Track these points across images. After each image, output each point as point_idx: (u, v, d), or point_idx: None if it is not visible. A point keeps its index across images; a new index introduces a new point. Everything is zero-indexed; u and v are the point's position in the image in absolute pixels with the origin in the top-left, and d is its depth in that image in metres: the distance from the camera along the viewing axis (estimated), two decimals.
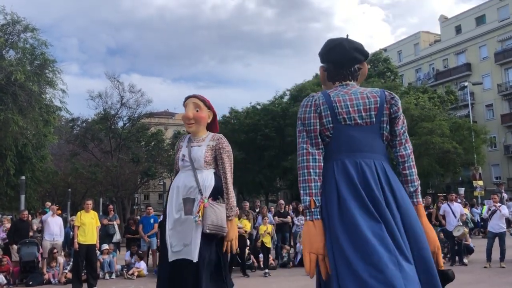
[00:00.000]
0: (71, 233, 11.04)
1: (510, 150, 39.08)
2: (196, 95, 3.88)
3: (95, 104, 27.47)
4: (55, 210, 11.32)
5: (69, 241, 12.14)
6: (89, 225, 9.27)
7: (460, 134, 28.77)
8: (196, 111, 3.78)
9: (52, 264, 10.51)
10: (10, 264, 10.45)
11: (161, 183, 35.39)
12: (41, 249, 10.72)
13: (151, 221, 12.07)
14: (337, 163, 2.17)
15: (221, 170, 3.71)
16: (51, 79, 18.05)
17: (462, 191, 22.31)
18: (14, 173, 17.85)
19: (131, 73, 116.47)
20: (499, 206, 10.55)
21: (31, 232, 11.51)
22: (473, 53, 42.54)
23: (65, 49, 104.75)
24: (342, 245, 2.01)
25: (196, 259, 3.45)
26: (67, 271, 10.40)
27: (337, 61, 2.36)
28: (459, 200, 13.85)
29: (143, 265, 11.43)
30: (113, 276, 10.98)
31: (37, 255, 10.50)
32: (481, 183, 25.45)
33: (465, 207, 14.38)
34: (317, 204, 2.13)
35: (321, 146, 2.21)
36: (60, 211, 13.21)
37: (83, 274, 9.46)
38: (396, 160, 2.31)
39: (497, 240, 10.24)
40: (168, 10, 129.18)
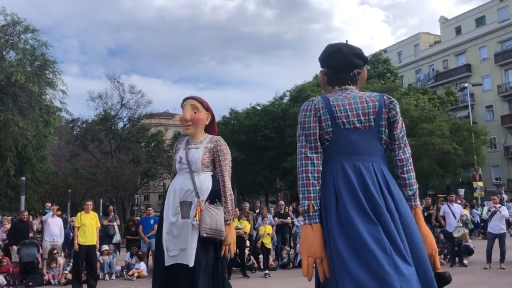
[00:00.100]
0: (71, 234, 11.04)
1: (510, 151, 39.07)
2: (194, 96, 3.81)
3: (95, 105, 27.50)
4: (55, 211, 11.32)
5: (69, 242, 12.14)
6: (89, 226, 9.28)
7: (460, 135, 28.77)
8: (194, 112, 3.71)
9: (52, 265, 10.51)
10: (10, 265, 10.45)
11: (161, 184, 35.37)
12: (41, 250, 10.72)
13: (151, 222, 12.05)
14: (336, 166, 2.20)
15: (218, 172, 3.64)
16: (51, 80, 18.06)
17: (462, 192, 22.33)
18: (14, 174, 17.85)
19: (131, 74, 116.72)
20: (499, 207, 10.55)
21: (31, 233, 11.51)
22: (473, 54, 42.56)
23: (66, 50, 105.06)
24: (339, 249, 2.04)
25: (192, 264, 3.38)
26: (67, 272, 10.40)
27: (337, 66, 2.39)
28: (459, 201, 13.85)
29: (143, 266, 11.44)
30: (113, 277, 10.99)
31: (37, 256, 10.50)
32: (481, 184, 25.46)
33: (465, 208, 14.37)
34: (315, 208, 2.15)
35: (320, 150, 2.23)
36: (60, 212, 13.21)
37: (83, 275, 9.46)
38: (395, 164, 2.33)
39: (497, 241, 10.24)
40: (168, 11, 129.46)
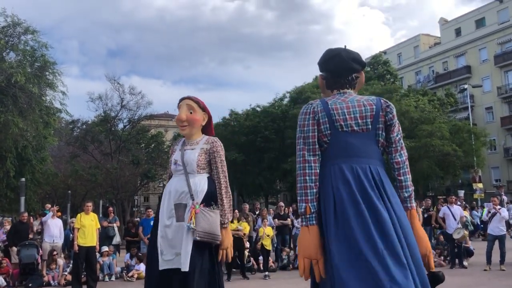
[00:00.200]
0: (71, 235, 11.03)
1: (510, 153, 39.08)
2: (190, 96, 3.72)
3: (95, 106, 27.48)
4: (55, 212, 11.30)
5: (69, 243, 12.13)
6: (89, 227, 9.28)
7: (460, 136, 28.79)
8: (190, 113, 3.61)
9: (52, 266, 10.50)
10: (10, 266, 10.44)
11: (161, 185, 35.37)
12: (40, 251, 10.71)
13: (151, 223, 12.01)
14: (334, 168, 2.25)
15: (215, 174, 3.53)
16: (51, 81, 18.05)
17: (462, 193, 22.33)
18: (14, 175, 17.83)
19: (131, 75, 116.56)
20: (499, 209, 10.55)
21: (31, 234, 11.50)
22: (473, 56, 42.58)
23: (66, 51, 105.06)
24: (334, 256, 2.09)
25: (187, 268, 3.26)
26: (66, 273, 10.40)
27: (335, 70, 2.44)
28: (459, 203, 13.84)
29: (142, 267, 11.40)
30: (113, 278, 11.00)
31: (36, 257, 10.49)
32: (481, 185, 25.44)
33: (465, 210, 14.36)
34: (312, 210, 2.20)
35: (318, 152, 2.28)
36: (59, 213, 13.20)
37: (82, 276, 9.47)
38: (392, 166, 2.39)
39: (497, 243, 10.24)
40: (168, 11, 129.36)
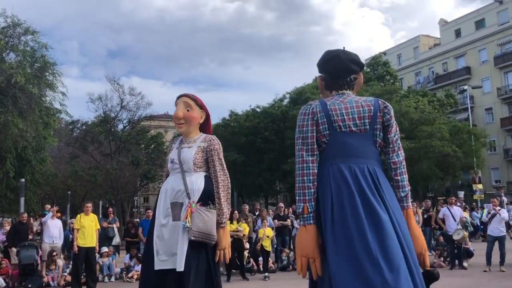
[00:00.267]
0: (71, 236, 11.03)
1: (510, 154, 39.07)
2: (188, 94, 3.66)
3: (95, 106, 27.42)
4: (54, 212, 11.28)
5: (68, 244, 12.12)
6: (88, 228, 9.28)
7: (460, 137, 28.80)
8: (187, 110, 3.55)
9: (51, 267, 10.49)
10: (9, 267, 10.43)
11: (161, 185, 35.29)
12: (40, 252, 10.70)
13: None
14: (332, 168, 2.29)
15: (212, 173, 3.46)
16: (51, 81, 18.05)
17: (462, 194, 22.32)
18: (13, 175, 17.82)
19: (131, 75, 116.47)
20: (499, 210, 10.55)
21: (30, 235, 11.49)
22: (473, 57, 42.60)
23: (66, 51, 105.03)
24: (330, 251, 2.15)
25: (182, 268, 3.19)
26: (66, 274, 10.39)
27: (334, 71, 2.48)
28: (458, 204, 13.84)
29: None
30: (112, 279, 10.98)
31: (36, 258, 10.47)
32: (480, 186, 25.44)
33: (465, 211, 14.36)
34: (309, 210, 2.25)
35: (316, 153, 2.32)
36: (59, 214, 13.19)
37: (82, 277, 9.46)
38: (389, 166, 2.42)
39: (497, 244, 10.24)
40: (168, 12, 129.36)
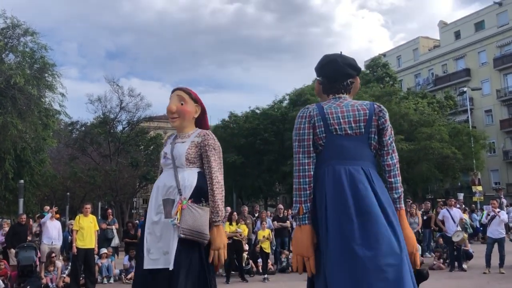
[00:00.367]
0: (70, 237, 11.01)
1: (509, 156, 39.10)
2: (182, 87, 3.56)
3: (94, 108, 27.46)
4: (53, 213, 11.27)
5: (67, 245, 12.11)
6: (87, 229, 9.27)
7: (459, 139, 28.78)
8: (181, 104, 3.44)
9: (50, 269, 10.47)
10: (8, 268, 10.41)
11: None
12: (39, 253, 10.68)
13: None
14: (328, 170, 2.37)
15: (206, 169, 3.32)
16: (51, 83, 18.05)
17: (461, 196, 22.29)
18: (12, 177, 17.81)
19: (130, 77, 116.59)
20: (498, 212, 10.54)
21: (29, 236, 11.47)
22: (472, 59, 42.65)
23: (65, 53, 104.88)
24: (323, 251, 2.27)
25: (172, 267, 3.07)
26: (65, 275, 10.38)
27: (331, 76, 2.56)
28: (458, 206, 13.83)
29: None
30: (111, 280, 10.97)
31: (35, 259, 10.44)
32: (480, 188, 25.40)
33: (464, 213, 14.35)
34: (304, 211, 2.36)
35: (313, 155, 2.41)
36: (58, 215, 13.17)
37: (81, 278, 9.45)
38: (383, 168, 2.50)
39: (496, 246, 10.23)
40: (167, 14, 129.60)
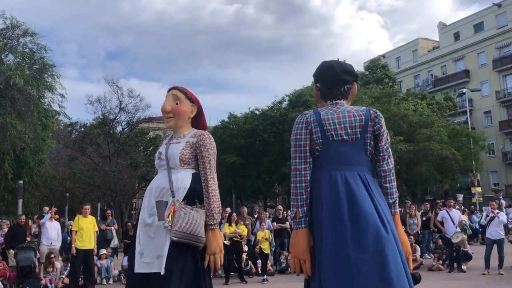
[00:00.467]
0: (69, 238, 11.00)
1: (508, 157, 39.14)
2: (177, 86, 3.49)
3: (93, 108, 27.51)
4: (53, 214, 11.25)
5: (66, 246, 12.10)
6: (86, 230, 9.26)
7: (459, 140, 28.82)
8: (176, 103, 3.36)
9: (49, 269, 10.45)
10: (7, 269, 10.39)
11: None
12: (38, 254, 10.66)
13: None
14: (324, 175, 2.42)
15: (201, 170, 3.21)
16: (50, 83, 18.06)
17: (461, 197, 22.27)
18: (12, 177, 17.82)
19: (130, 77, 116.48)
20: (498, 213, 10.55)
21: (28, 237, 11.46)
22: (472, 60, 42.71)
23: (64, 53, 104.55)
24: (317, 254, 2.34)
25: (163, 272, 2.96)
26: (64, 276, 10.36)
27: (328, 82, 2.61)
28: (457, 207, 13.83)
29: None
30: (111, 281, 10.94)
31: (34, 260, 10.43)
32: (479, 189, 25.41)
33: (463, 214, 14.35)
34: (301, 215, 2.43)
35: (309, 160, 2.46)
36: (57, 216, 13.16)
37: (80, 279, 9.43)
38: (379, 174, 2.53)
39: (495, 247, 10.23)
40: (167, 15, 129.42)
